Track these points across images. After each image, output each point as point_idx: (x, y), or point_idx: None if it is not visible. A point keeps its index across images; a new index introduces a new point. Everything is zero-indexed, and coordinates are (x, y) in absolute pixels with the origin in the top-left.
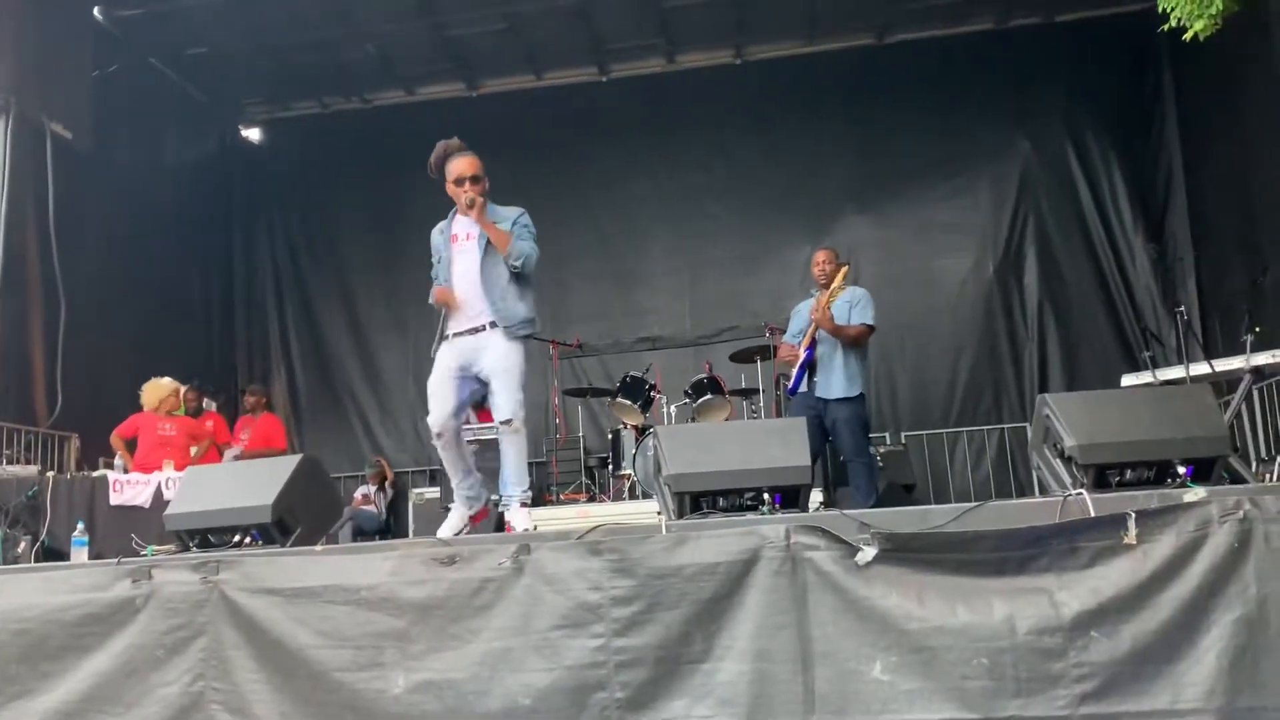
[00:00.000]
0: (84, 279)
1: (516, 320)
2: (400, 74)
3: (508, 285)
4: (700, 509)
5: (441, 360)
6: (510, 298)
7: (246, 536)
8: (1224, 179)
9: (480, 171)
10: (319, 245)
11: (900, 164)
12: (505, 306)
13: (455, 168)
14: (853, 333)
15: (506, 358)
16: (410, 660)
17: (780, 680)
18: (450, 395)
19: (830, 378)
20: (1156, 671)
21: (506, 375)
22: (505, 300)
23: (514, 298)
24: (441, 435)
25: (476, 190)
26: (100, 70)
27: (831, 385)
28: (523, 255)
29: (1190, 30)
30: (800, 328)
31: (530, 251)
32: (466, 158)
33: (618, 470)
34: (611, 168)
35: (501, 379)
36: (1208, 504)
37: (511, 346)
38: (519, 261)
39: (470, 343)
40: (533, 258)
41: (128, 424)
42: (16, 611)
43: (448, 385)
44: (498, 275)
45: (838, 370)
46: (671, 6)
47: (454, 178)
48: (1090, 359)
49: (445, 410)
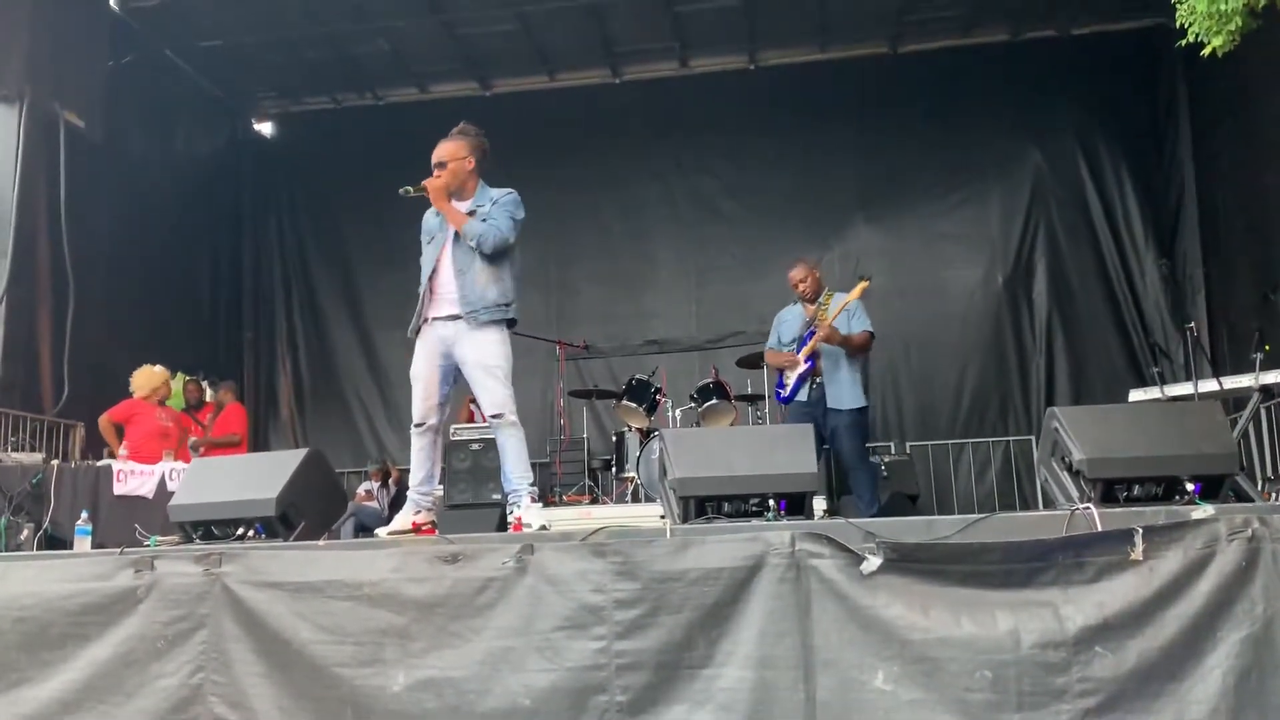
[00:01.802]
0: (93, 269)
1: (482, 305)
2: (413, 71)
3: (479, 270)
4: (705, 513)
5: (423, 345)
6: (481, 282)
7: (250, 529)
8: (1236, 195)
9: (451, 156)
10: (327, 241)
11: (910, 174)
12: (472, 291)
13: (433, 155)
14: (857, 341)
15: (481, 349)
16: (411, 657)
17: (782, 688)
18: (435, 383)
19: (839, 390)
20: (1161, 689)
21: (485, 368)
22: (474, 286)
23: (485, 282)
24: (423, 424)
25: (438, 181)
26: (115, 61)
27: (842, 397)
28: (476, 234)
29: (1208, 46)
30: (793, 336)
31: (487, 232)
32: (443, 143)
33: (621, 473)
34: (621, 170)
35: (481, 372)
36: (1215, 521)
37: (485, 336)
38: (473, 240)
39: (449, 329)
40: (491, 238)
41: (120, 408)
42: (18, 599)
43: (433, 372)
44: (468, 261)
45: (845, 382)
46: (684, 10)
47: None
48: (1098, 373)
49: (431, 399)
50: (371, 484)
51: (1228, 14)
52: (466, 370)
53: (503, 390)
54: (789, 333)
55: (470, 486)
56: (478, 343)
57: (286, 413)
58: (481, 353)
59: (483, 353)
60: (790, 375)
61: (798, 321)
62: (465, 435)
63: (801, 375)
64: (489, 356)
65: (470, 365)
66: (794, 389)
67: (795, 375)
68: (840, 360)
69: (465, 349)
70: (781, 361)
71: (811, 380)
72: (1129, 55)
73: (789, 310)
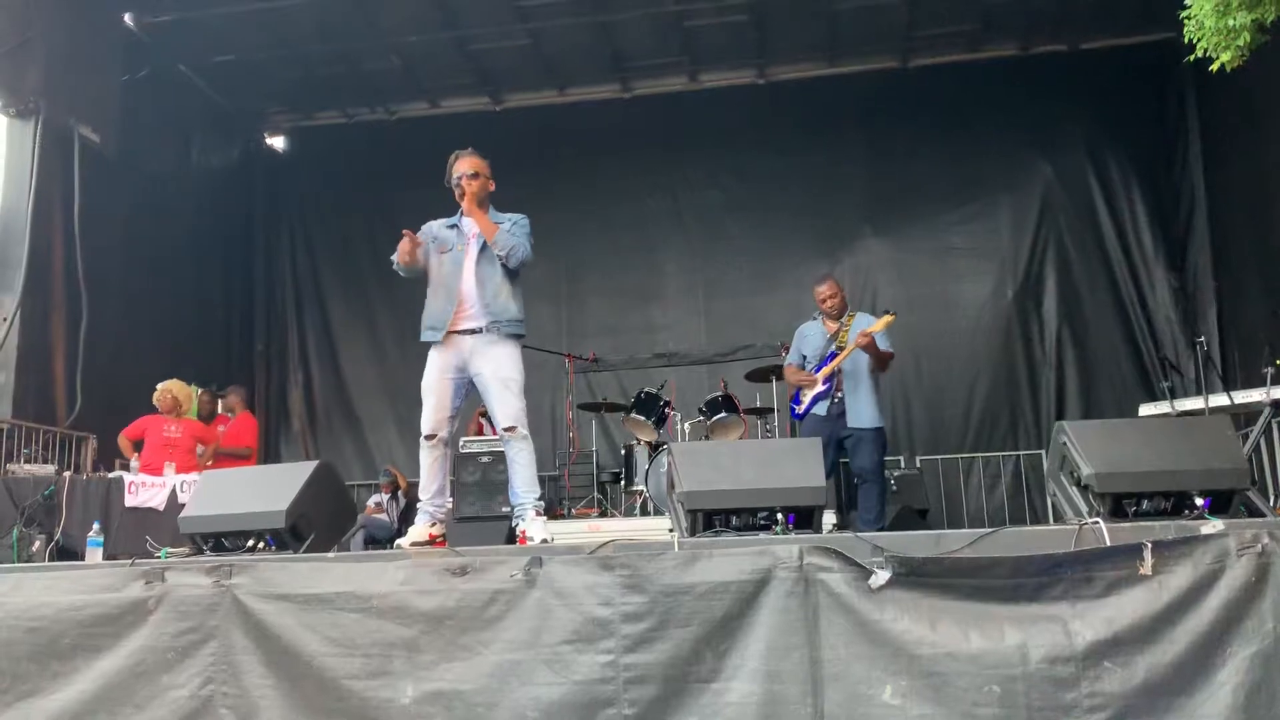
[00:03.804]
0: (106, 281)
1: (507, 318)
2: (424, 86)
3: (501, 283)
4: (713, 527)
5: (436, 360)
6: (504, 296)
7: (260, 541)
8: (1246, 209)
9: (480, 170)
10: (339, 254)
11: (919, 187)
12: (498, 304)
13: (457, 166)
14: (885, 357)
15: (502, 362)
16: (419, 670)
17: (790, 702)
18: (447, 396)
19: (860, 408)
20: (1170, 704)
21: (503, 381)
22: (499, 298)
23: (507, 296)
24: (433, 436)
25: (474, 185)
26: (129, 76)
27: (861, 415)
28: (508, 246)
29: (1216, 61)
30: (816, 353)
31: (516, 244)
32: (469, 157)
33: (630, 486)
34: (630, 184)
35: (498, 385)
36: (1225, 536)
37: (506, 350)
38: (504, 251)
39: (467, 343)
40: (519, 252)
41: (134, 426)
42: (30, 609)
43: (445, 385)
44: (492, 273)
45: (865, 401)
46: (693, 25)
47: (455, 176)
48: (1108, 387)
49: (443, 413)
50: (381, 496)
51: (1236, 29)
52: (482, 382)
53: (517, 404)
54: (811, 349)
55: (479, 499)
56: (496, 356)
57: (298, 425)
58: (499, 366)
59: (501, 366)
60: (807, 394)
61: (820, 338)
62: (474, 448)
63: (819, 395)
64: (507, 370)
65: (487, 378)
66: (810, 405)
67: (812, 394)
68: (861, 379)
69: (483, 362)
70: (801, 380)
71: (831, 397)
72: (1139, 69)
73: (810, 326)
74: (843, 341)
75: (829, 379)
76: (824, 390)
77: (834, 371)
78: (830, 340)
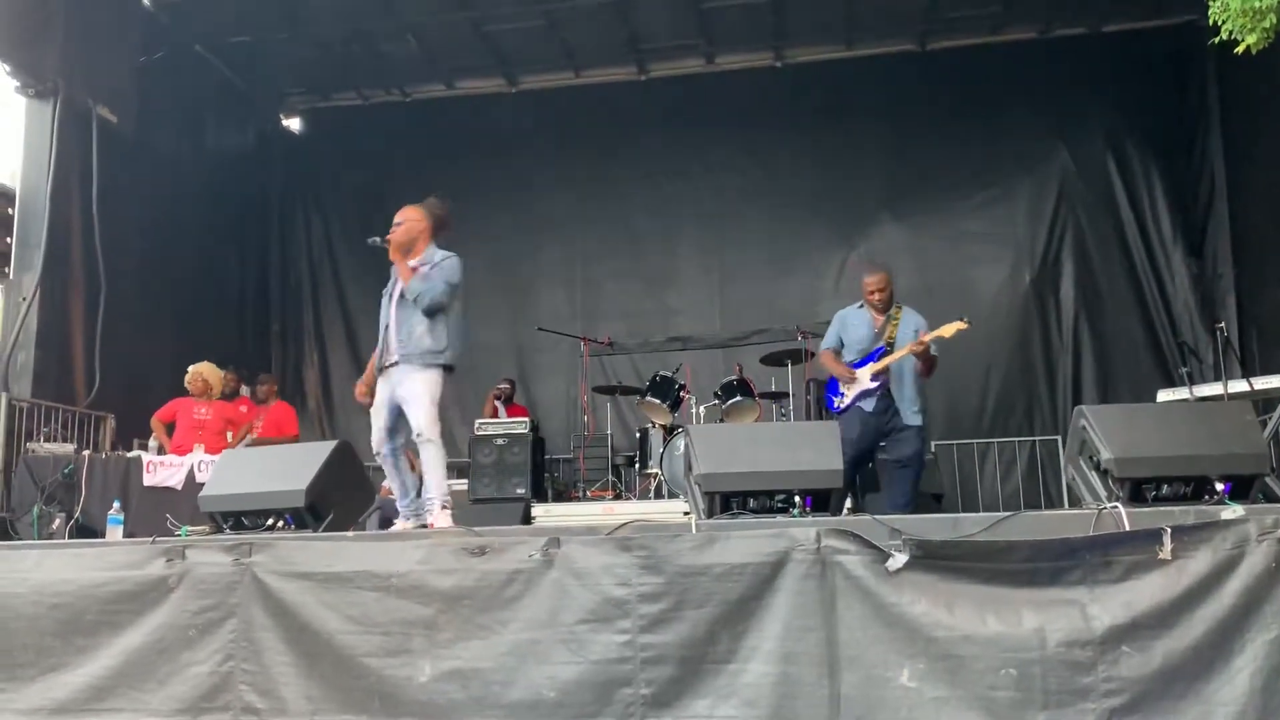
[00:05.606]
0: (124, 262)
1: (421, 350)
2: (440, 67)
3: (416, 323)
4: (730, 509)
5: (378, 390)
6: (418, 334)
7: (280, 520)
8: (1267, 195)
9: (407, 217)
10: (355, 235)
11: (937, 172)
12: (410, 342)
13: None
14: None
15: (412, 385)
16: (437, 648)
17: (806, 684)
18: (383, 419)
19: (904, 407)
20: (1187, 689)
21: (414, 399)
22: (411, 337)
23: (421, 333)
24: (379, 453)
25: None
26: (146, 56)
27: (906, 413)
28: (416, 292)
29: (1241, 44)
30: (860, 346)
31: (425, 289)
32: (405, 209)
33: (644, 469)
34: (646, 167)
35: (410, 403)
36: (1245, 522)
37: (422, 375)
38: (412, 296)
39: (393, 375)
40: (428, 297)
41: (167, 408)
42: (53, 585)
43: (381, 410)
44: (407, 315)
45: (908, 401)
46: (710, 7)
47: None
48: (1126, 374)
49: (379, 433)
50: None
51: (1262, 11)
52: (401, 401)
53: (425, 416)
54: (853, 338)
55: (494, 481)
56: (411, 382)
57: (313, 404)
58: (416, 388)
59: (417, 388)
60: (849, 389)
61: (865, 330)
62: (489, 430)
63: (867, 391)
64: (418, 390)
65: (404, 398)
66: (854, 400)
67: (858, 390)
68: (905, 379)
69: (401, 390)
70: (840, 373)
71: (879, 395)
72: (1160, 53)
73: (854, 313)
74: (891, 337)
75: (878, 376)
76: (873, 388)
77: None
78: (877, 335)
